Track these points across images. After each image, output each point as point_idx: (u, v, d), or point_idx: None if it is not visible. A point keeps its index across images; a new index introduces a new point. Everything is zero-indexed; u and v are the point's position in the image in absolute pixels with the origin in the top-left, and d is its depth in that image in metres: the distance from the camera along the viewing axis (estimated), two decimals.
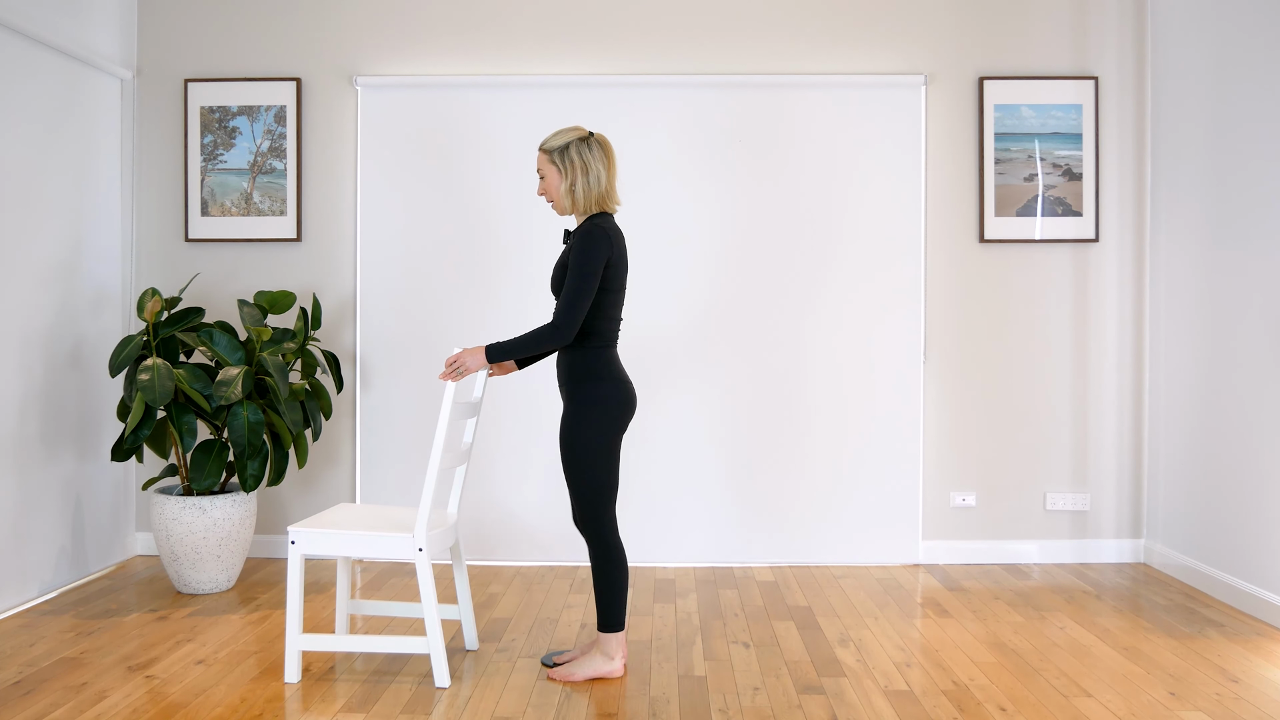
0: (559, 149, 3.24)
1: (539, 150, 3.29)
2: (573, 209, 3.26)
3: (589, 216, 3.25)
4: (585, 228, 3.20)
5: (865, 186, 4.76)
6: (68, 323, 4.37)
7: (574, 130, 3.26)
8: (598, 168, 3.23)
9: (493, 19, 4.82)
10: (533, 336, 3.18)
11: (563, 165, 3.23)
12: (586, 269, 3.14)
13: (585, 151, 3.23)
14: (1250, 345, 4.01)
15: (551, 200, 3.29)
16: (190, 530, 4.15)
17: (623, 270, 3.25)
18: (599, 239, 3.16)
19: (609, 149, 3.28)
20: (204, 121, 4.83)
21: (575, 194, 3.23)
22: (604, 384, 3.22)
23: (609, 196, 3.26)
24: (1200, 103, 4.36)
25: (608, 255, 3.17)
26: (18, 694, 3.11)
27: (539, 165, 3.29)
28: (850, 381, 4.77)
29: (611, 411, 3.21)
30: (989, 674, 3.32)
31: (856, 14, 4.81)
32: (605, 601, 3.23)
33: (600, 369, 3.23)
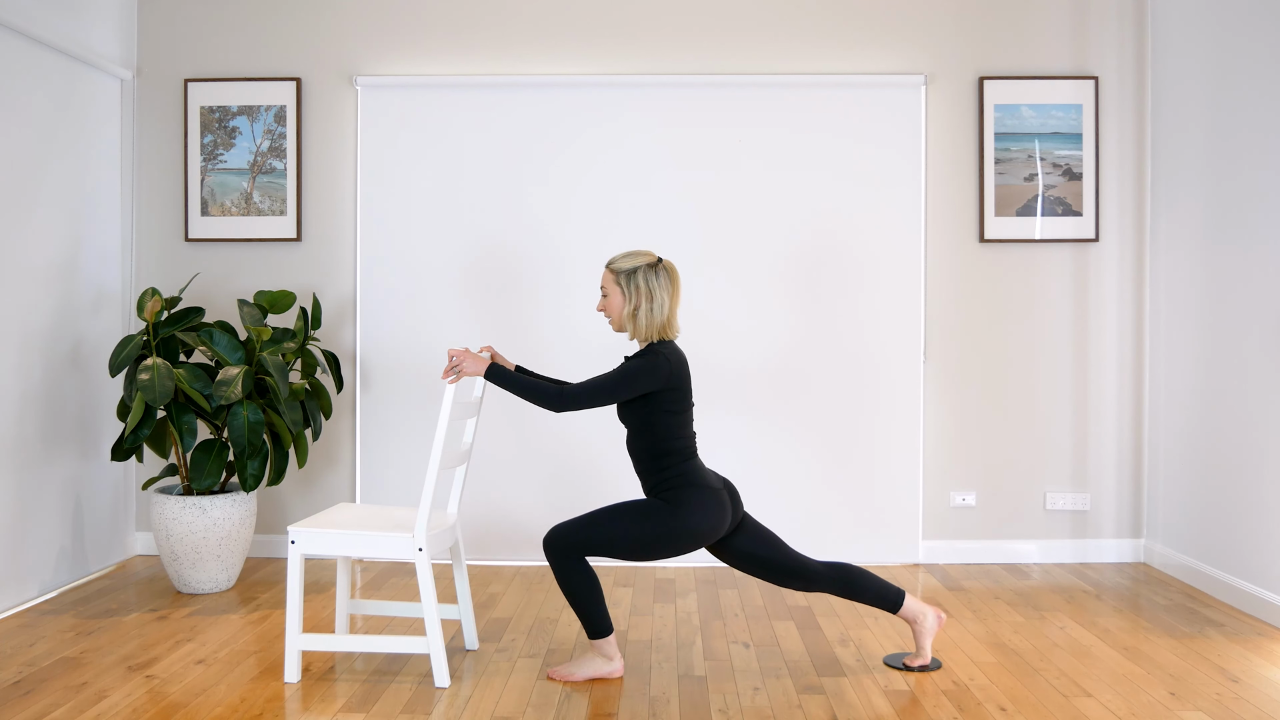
0: (627, 272, 3.24)
1: (606, 268, 3.30)
2: (633, 334, 3.27)
3: (650, 344, 3.26)
4: (650, 356, 3.19)
5: (865, 186, 4.76)
6: (68, 323, 4.37)
7: (644, 255, 3.26)
8: (663, 296, 3.23)
9: (492, 19, 4.83)
10: (535, 390, 3.19)
11: (628, 289, 3.24)
12: (626, 384, 3.16)
13: (652, 279, 3.23)
14: (1250, 345, 4.01)
15: (610, 318, 3.30)
16: (190, 530, 4.15)
17: (687, 391, 3.25)
18: (659, 371, 3.16)
19: (675, 277, 3.28)
20: (204, 121, 4.83)
21: (638, 319, 3.24)
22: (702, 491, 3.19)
23: (670, 325, 3.27)
24: (1200, 102, 4.36)
25: (658, 387, 3.17)
26: (18, 694, 3.11)
27: (603, 283, 3.29)
28: (850, 381, 4.77)
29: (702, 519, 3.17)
30: (989, 674, 3.32)
31: (856, 14, 4.81)
32: (584, 614, 3.23)
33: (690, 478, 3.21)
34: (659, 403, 3.20)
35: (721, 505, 3.21)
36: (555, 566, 3.21)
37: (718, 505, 3.20)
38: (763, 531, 3.33)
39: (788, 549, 3.31)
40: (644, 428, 3.23)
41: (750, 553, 3.29)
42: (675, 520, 3.16)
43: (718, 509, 3.20)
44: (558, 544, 3.19)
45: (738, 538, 3.30)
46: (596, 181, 4.76)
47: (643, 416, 3.23)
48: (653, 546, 3.18)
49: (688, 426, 3.27)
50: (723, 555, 3.34)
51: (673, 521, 3.16)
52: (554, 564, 3.21)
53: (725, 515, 3.22)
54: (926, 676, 3.29)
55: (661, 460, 3.22)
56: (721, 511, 3.21)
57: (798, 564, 3.29)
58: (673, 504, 3.18)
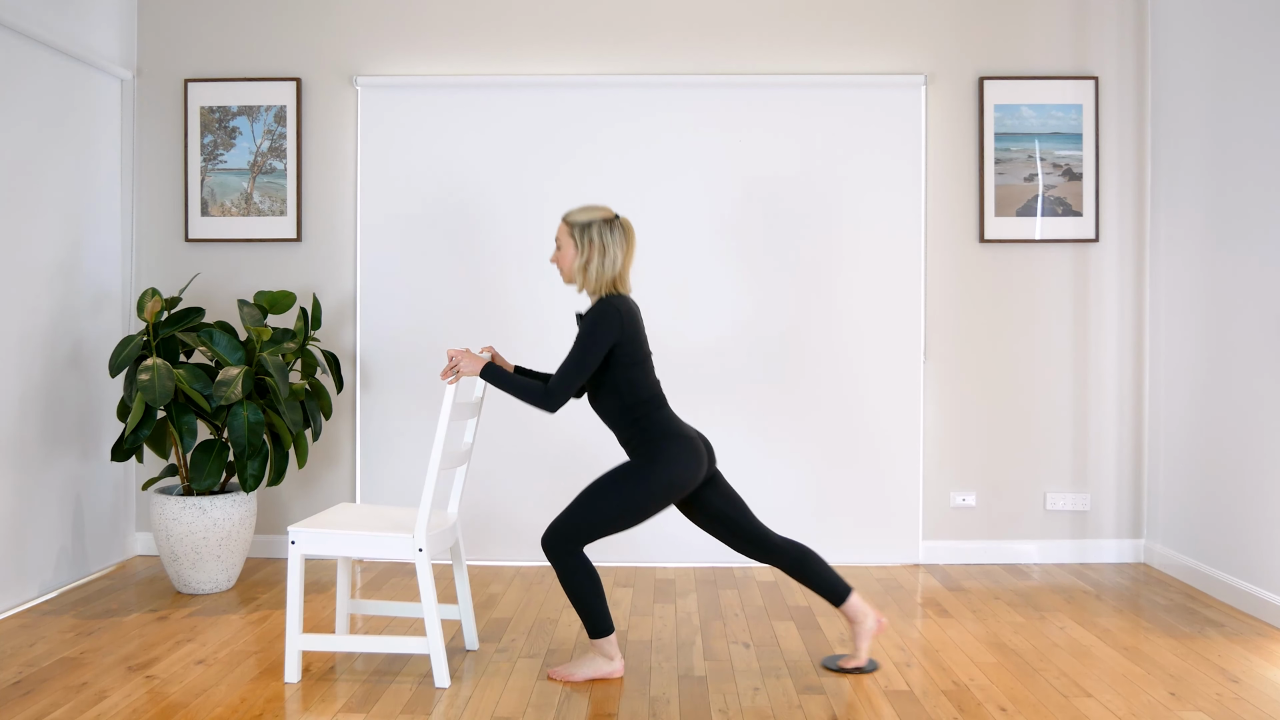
0: (581, 225, 3.25)
1: (562, 220, 3.30)
2: (582, 285, 3.28)
3: (600, 297, 3.26)
4: (598, 308, 3.19)
5: (865, 186, 4.76)
6: (68, 323, 4.37)
7: (600, 210, 3.27)
8: (615, 251, 3.23)
9: (493, 19, 4.83)
10: (525, 390, 3.20)
11: (581, 242, 3.24)
12: (588, 347, 3.15)
13: (606, 234, 3.23)
14: (1250, 345, 4.01)
15: (561, 270, 3.31)
16: (190, 530, 4.15)
17: (642, 341, 3.25)
18: (609, 322, 3.16)
19: (631, 234, 3.28)
20: (204, 121, 4.83)
21: (588, 273, 3.24)
22: (670, 440, 3.20)
23: (621, 280, 3.27)
24: (1200, 102, 4.36)
25: (615, 338, 3.17)
26: (18, 694, 3.11)
27: (558, 234, 3.30)
28: (850, 381, 4.77)
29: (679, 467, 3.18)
30: (989, 674, 3.32)
31: (856, 14, 4.81)
32: (585, 613, 3.23)
33: (661, 428, 3.22)
34: (616, 359, 3.20)
35: (697, 452, 3.22)
36: (556, 565, 3.21)
37: (693, 452, 3.21)
38: (732, 493, 3.36)
39: (753, 516, 3.35)
40: (609, 387, 3.24)
41: (718, 510, 3.32)
42: (653, 475, 3.17)
43: (693, 456, 3.21)
44: (555, 541, 3.20)
45: (707, 492, 3.32)
46: (596, 181, 4.76)
47: (602, 376, 3.24)
48: (641, 508, 3.19)
49: (650, 376, 3.28)
50: (690, 511, 3.36)
51: (651, 477, 3.17)
52: (554, 563, 3.21)
53: (701, 461, 3.23)
54: (927, 677, 3.29)
55: (633, 413, 3.23)
56: (697, 458, 3.22)
57: (760, 532, 3.33)
58: (647, 459, 3.19)
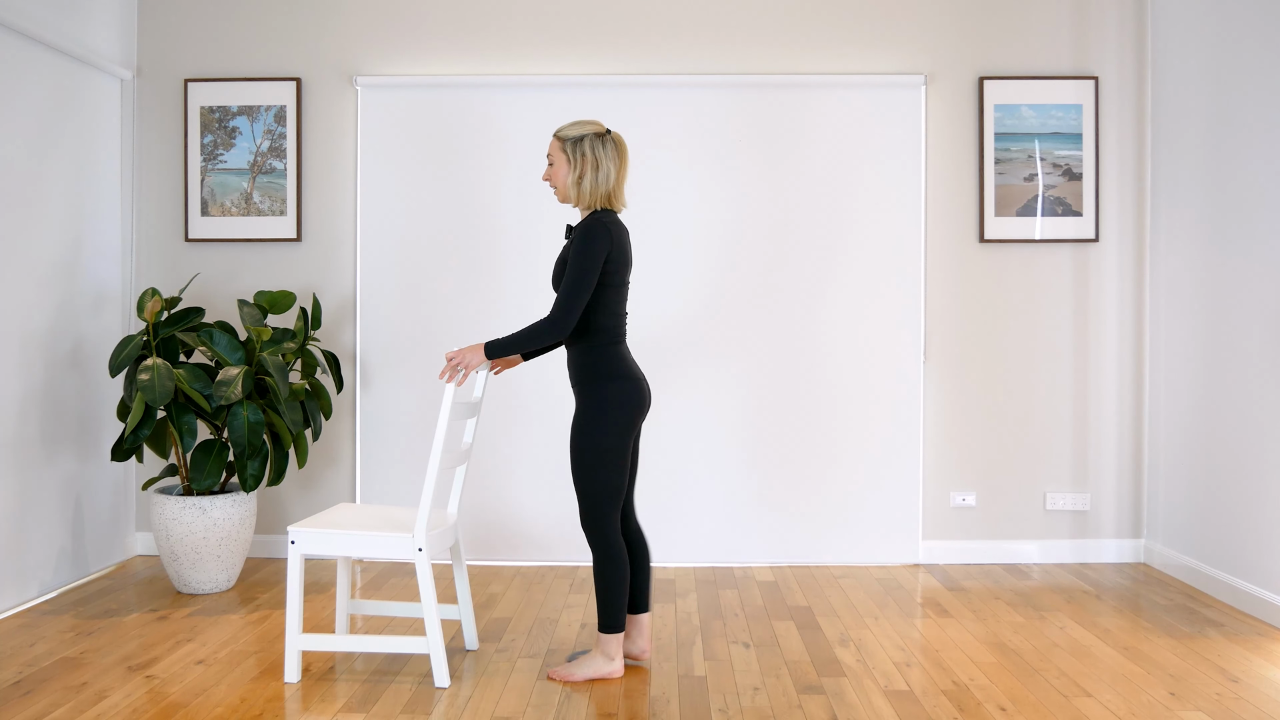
0: (573, 139, 3.23)
1: (553, 136, 3.28)
2: (576, 201, 3.26)
3: (591, 211, 3.25)
4: (587, 222, 3.20)
5: (865, 186, 4.76)
6: (68, 323, 4.37)
7: (592, 124, 3.25)
8: (608, 165, 3.22)
9: (493, 19, 4.83)
10: (530, 331, 3.18)
11: (574, 156, 3.23)
12: (586, 263, 3.14)
13: (599, 147, 3.22)
14: (1250, 345, 4.01)
15: (555, 188, 3.29)
16: (190, 530, 4.15)
17: (626, 265, 3.25)
18: (599, 234, 3.15)
19: (623, 149, 3.27)
20: (204, 121, 4.83)
21: (582, 187, 3.23)
22: (615, 382, 3.22)
23: (615, 195, 3.26)
24: (1200, 102, 4.36)
25: (608, 250, 3.16)
26: (18, 694, 3.11)
27: (550, 151, 3.28)
28: (850, 381, 4.77)
29: (623, 411, 3.21)
30: (989, 674, 3.32)
31: (856, 14, 4.81)
32: (605, 602, 3.23)
33: (611, 367, 3.23)
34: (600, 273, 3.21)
35: (640, 395, 3.25)
36: (593, 547, 3.24)
37: (637, 396, 3.24)
38: (635, 454, 3.40)
39: (632, 488, 3.40)
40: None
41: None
42: (602, 424, 3.19)
43: (635, 399, 3.23)
44: (588, 524, 3.23)
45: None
46: None
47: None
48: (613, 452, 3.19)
49: (621, 305, 3.27)
50: None
51: (601, 427, 3.18)
52: (592, 544, 3.24)
53: (643, 405, 3.26)
54: (927, 677, 3.29)
55: (592, 339, 3.23)
56: (640, 401, 3.25)
57: (628, 504, 3.39)
58: (588, 407, 3.21)
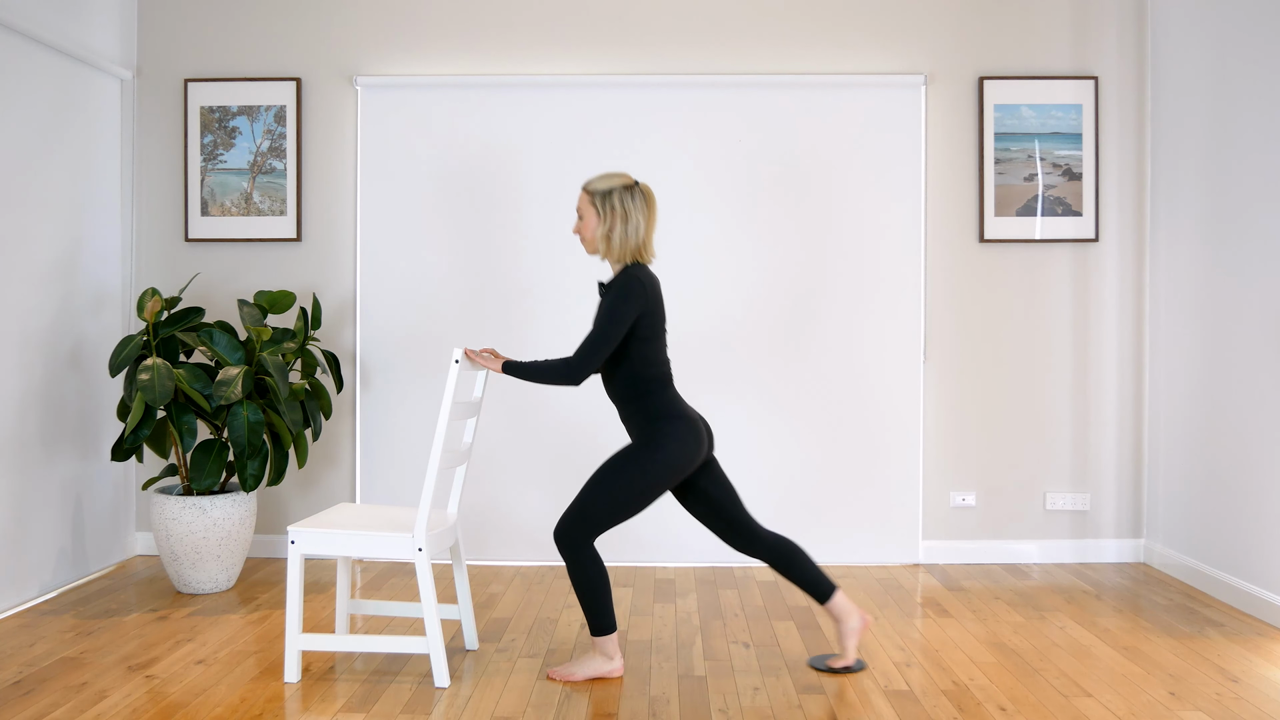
0: (602, 193, 3.23)
1: (582, 190, 3.28)
2: (606, 254, 3.26)
3: (624, 266, 3.25)
4: (621, 280, 3.19)
5: (865, 186, 4.76)
6: (68, 323, 4.37)
7: (620, 177, 3.25)
8: (638, 218, 3.22)
9: (494, 18, 4.83)
10: (546, 369, 3.20)
11: (603, 210, 3.23)
12: (616, 319, 3.15)
13: (628, 200, 3.22)
14: (1250, 345, 4.01)
15: (585, 241, 3.29)
16: (190, 530, 4.15)
17: (660, 318, 3.25)
18: (635, 294, 3.16)
19: (652, 200, 3.27)
20: (204, 121, 4.83)
21: (611, 241, 3.23)
22: (671, 421, 3.20)
23: (645, 247, 3.26)
24: (1200, 102, 4.36)
25: (641, 309, 3.17)
26: (18, 694, 3.11)
27: (579, 204, 3.29)
28: (850, 381, 4.77)
29: (679, 449, 3.18)
30: (989, 674, 3.32)
31: (856, 14, 4.81)
32: (591, 609, 3.23)
33: (663, 408, 3.22)
34: (632, 330, 3.20)
35: (697, 434, 3.22)
36: (567, 558, 3.21)
37: (694, 435, 3.21)
38: (725, 481, 3.35)
39: (744, 507, 3.35)
40: (620, 356, 3.24)
41: (710, 496, 3.32)
42: (653, 458, 3.17)
43: (694, 438, 3.21)
44: (566, 533, 3.20)
45: (702, 478, 3.32)
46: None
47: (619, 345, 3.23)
48: (645, 491, 3.18)
49: (662, 353, 3.28)
50: (682, 495, 3.36)
51: (651, 460, 3.17)
52: (566, 556, 3.21)
53: (700, 443, 3.23)
54: (927, 677, 3.29)
55: (639, 389, 3.23)
56: (698, 440, 3.22)
57: (748, 524, 3.33)
58: (646, 440, 3.19)
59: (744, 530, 3.32)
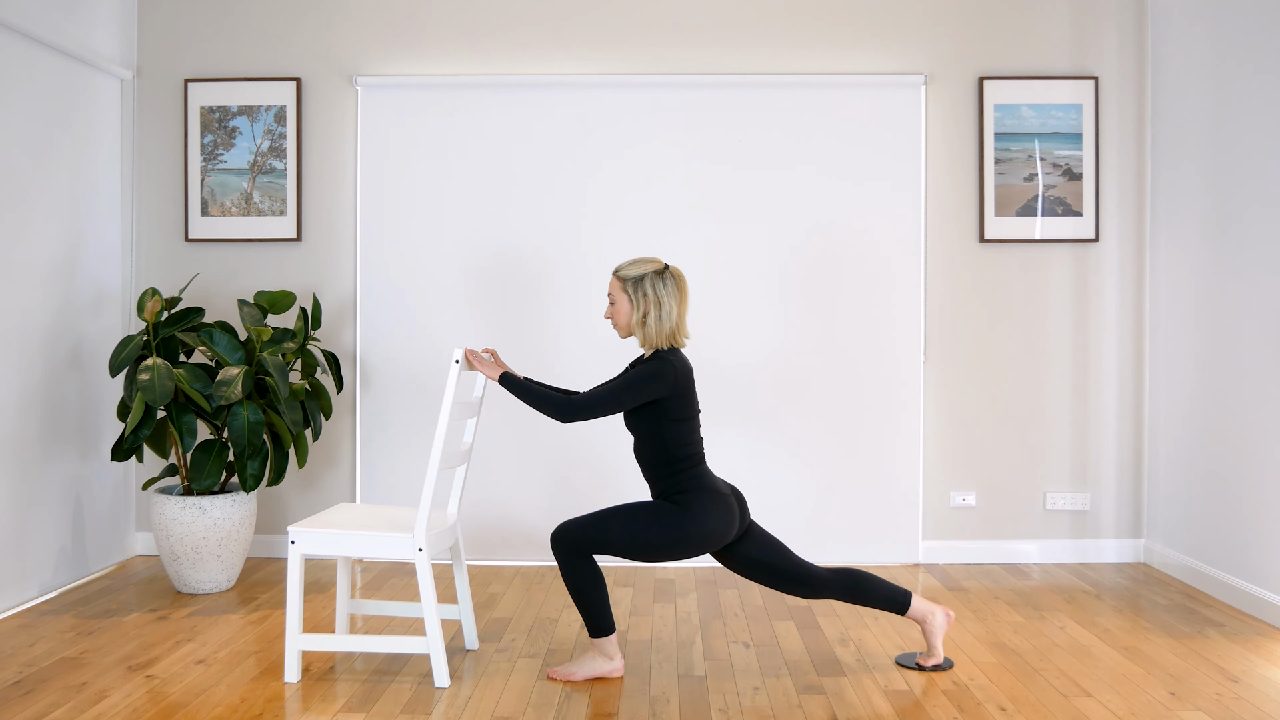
0: (634, 279, 3.24)
1: (613, 275, 3.29)
2: (643, 341, 3.27)
3: (656, 350, 3.25)
4: (656, 364, 3.19)
5: (865, 186, 4.76)
6: (67, 323, 4.37)
7: (651, 262, 3.26)
8: (670, 303, 3.23)
9: (493, 18, 4.83)
10: (544, 397, 3.21)
11: (635, 297, 3.24)
12: (635, 392, 3.16)
13: (660, 286, 3.23)
14: (1250, 345, 4.01)
15: (618, 326, 3.30)
16: (190, 530, 4.15)
17: (693, 398, 3.25)
18: (665, 375, 3.17)
19: (683, 284, 3.28)
20: (204, 121, 4.83)
21: (647, 326, 3.24)
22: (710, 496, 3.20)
23: (679, 331, 3.27)
24: (1200, 102, 4.36)
25: (663, 394, 3.17)
26: (18, 694, 3.11)
27: (610, 290, 3.29)
28: (850, 381, 4.77)
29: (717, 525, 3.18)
30: (989, 674, 3.32)
31: (856, 14, 4.81)
32: (589, 611, 3.23)
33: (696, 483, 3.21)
34: (665, 410, 3.20)
35: (730, 510, 3.22)
36: (562, 562, 3.21)
37: (726, 511, 3.21)
38: (769, 539, 3.33)
39: (794, 556, 3.31)
40: (652, 435, 3.23)
41: (757, 560, 3.30)
42: (684, 523, 3.16)
43: (726, 514, 3.20)
44: (565, 540, 3.20)
45: (744, 545, 3.30)
46: (596, 181, 4.76)
47: (650, 424, 3.23)
48: (660, 549, 3.18)
49: (695, 433, 3.28)
50: (729, 562, 3.35)
51: (681, 524, 3.16)
52: (560, 559, 3.21)
53: (733, 521, 3.22)
54: (926, 676, 3.29)
55: (671, 466, 3.23)
56: (730, 517, 3.21)
57: (804, 571, 3.30)
58: (682, 506, 3.19)
59: (803, 578, 3.30)
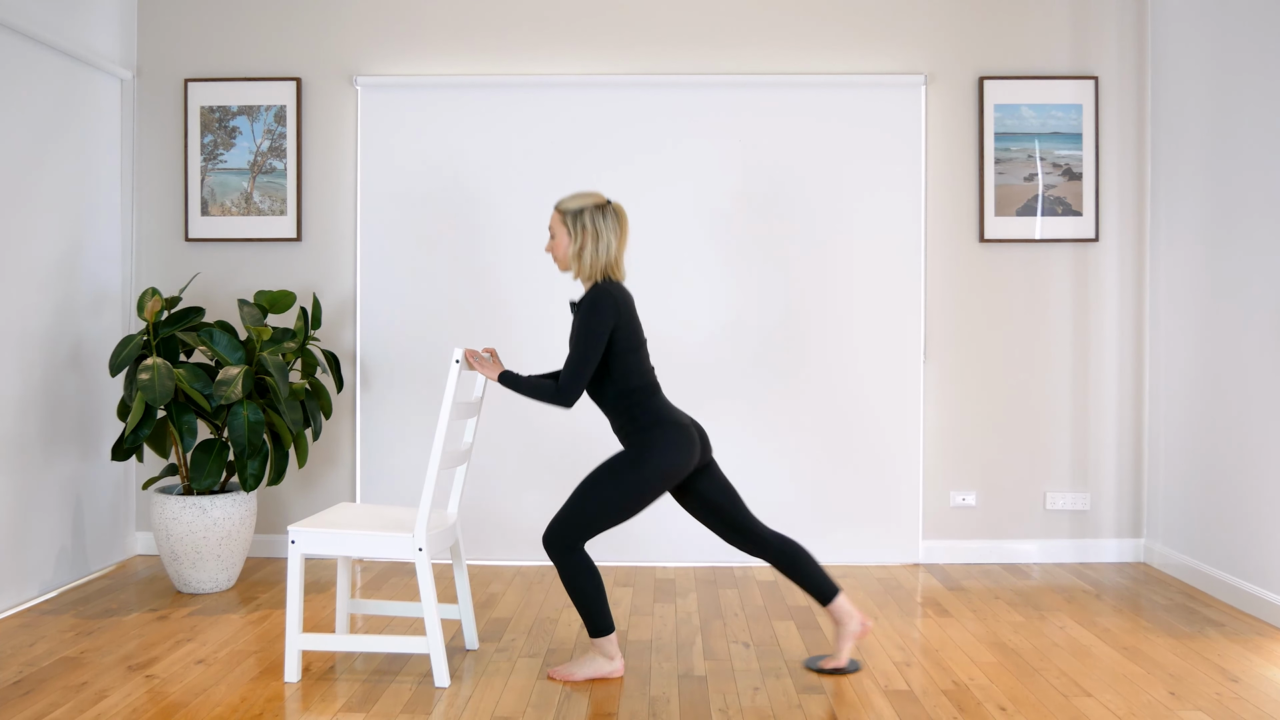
0: (573, 212, 3.24)
1: (554, 209, 3.30)
2: (577, 273, 3.27)
3: (594, 284, 3.25)
4: (591, 296, 3.20)
5: (865, 186, 4.76)
6: (68, 323, 4.37)
7: (592, 196, 3.26)
8: (609, 237, 3.23)
9: (493, 19, 4.83)
10: (540, 389, 3.22)
11: (574, 229, 3.24)
12: (589, 338, 3.15)
13: (599, 219, 3.23)
14: (1250, 345, 4.01)
15: (556, 259, 3.30)
16: (190, 530, 4.15)
17: (636, 329, 3.25)
18: (604, 307, 3.16)
19: (624, 220, 3.28)
20: (204, 121, 4.83)
21: (583, 259, 3.24)
22: (661, 428, 3.20)
23: (615, 266, 3.27)
24: (1200, 102, 4.36)
25: (613, 322, 3.17)
26: (18, 694, 3.11)
27: (551, 223, 3.30)
28: (850, 381, 4.77)
29: (671, 455, 3.18)
30: (989, 674, 3.32)
31: (856, 14, 4.81)
32: (588, 611, 3.23)
33: (654, 415, 3.22)
34: (612, 343, 3.21)
35: (689, 440, 3.22)
36: (558, 564, 3.21)
37: (686, 440, 3.22)
38: (727, 485, 3.36)
39: (745, 508, 3.35)
40: (602, 373, 3.24)
41: (712, 501, 3.32)
42: (646, 465, 3.17)
43: (686, 444, 3.21)
44: (555, 538, 3.20)
45: (703, 483, 3.32)
46: (595, 181, 4.75)
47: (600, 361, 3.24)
48: (636, 497, 3.19)
49: (645, 363, 3.28)
50: (684, 501, 3.37)
51: (644, 467, 3.17)
52: (556, 560, 3.21)
53: (694, 449, 3.23)
54: (927, 677, 3.29)
55: (628, 399, 3.23)
56: (690, 446, 3.22)
57: (751, 526, 3.33)
58: (639, 449, 3.20)
59: (748, 532, 3.32)
